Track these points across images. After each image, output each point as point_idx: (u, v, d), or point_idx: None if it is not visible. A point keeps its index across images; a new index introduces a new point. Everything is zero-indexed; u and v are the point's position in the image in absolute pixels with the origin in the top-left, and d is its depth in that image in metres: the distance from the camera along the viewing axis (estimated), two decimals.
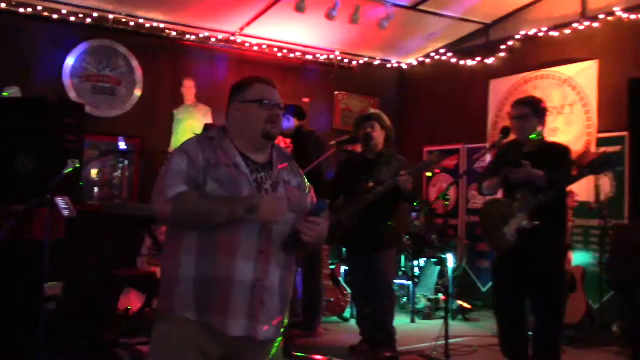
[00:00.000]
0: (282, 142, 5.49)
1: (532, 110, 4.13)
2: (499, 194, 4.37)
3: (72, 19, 6.58)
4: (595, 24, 6.47)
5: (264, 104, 2.28)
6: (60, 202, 3.91)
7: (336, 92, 8.36)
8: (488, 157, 7.09)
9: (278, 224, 2.19)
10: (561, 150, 4.13)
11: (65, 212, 3.95)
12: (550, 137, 4.86)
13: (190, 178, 2.18)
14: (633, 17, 6.15)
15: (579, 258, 6.08)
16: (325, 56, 8.09)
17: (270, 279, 2.18)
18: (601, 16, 6.41)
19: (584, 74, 6.47)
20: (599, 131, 6.31)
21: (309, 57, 8.00)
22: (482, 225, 4.39)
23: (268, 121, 2.28)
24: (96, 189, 6.83)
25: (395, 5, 6.81)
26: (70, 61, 6.64)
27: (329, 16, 6.52)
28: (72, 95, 6.61)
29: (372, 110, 5.41)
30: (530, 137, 4.11)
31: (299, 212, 2.25)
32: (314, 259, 5.56)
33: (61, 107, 5.19)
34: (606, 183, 6.14)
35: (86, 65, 6.76)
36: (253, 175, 2.24)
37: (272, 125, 2.29)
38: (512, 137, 4.28)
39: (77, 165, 3.92)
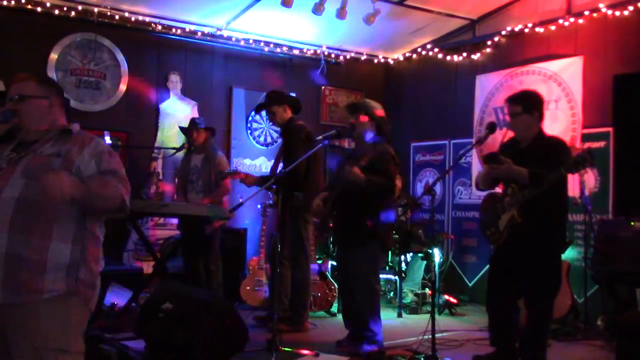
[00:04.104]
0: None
1: (524, 107, 4.14)
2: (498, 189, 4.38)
3: (57, 12, 6.51)
4: (580, 20, 6.51)
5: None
6: None
7: (323, 87, 8.36)
8: (474, 153, 7.18)
9: (6, 191, 2.31)
10: (557, 145, 4.14)
11: None
12: None
13: None
14: (618, 13, 6.19)
15: (564, 253, 6.12)
16: (312, 51, 8.08)
17: None
18: (586, 12, 6.44)
19: (569, 70, 6.51)
20: (584, 127, 6.35)
21: (296, 51, 7.98)
22: (480, 219, 4.41)
23: None
24: None
25: (382, 0, 6.81)
26: (54, 55, 6.58)
27: (316, 11, 6.50)
28: None
29: (359, 100, 5.34)
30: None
31: (34, 177, 2.29)
32: (300, 253, 5.56)
33: None
34: (591, 178, 6.19)
35: (70, 59, 6.70)
36: (12, 155, 2.43)
37: None
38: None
39: None
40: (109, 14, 6.76)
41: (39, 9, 6.42)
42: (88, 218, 2.44)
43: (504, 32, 7.25)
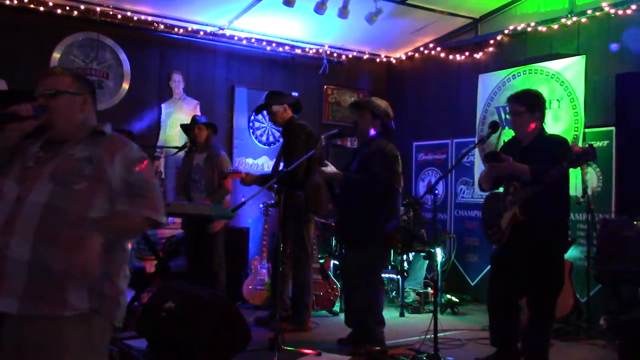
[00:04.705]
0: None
1: (526, 107, 4.13)
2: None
3: (59, 11, 6.51)
4: (583, 20, 6.50)
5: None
6: None
7: (325, 86, 8.35)
8: (477, 152, 7.18)
9: (33, 195, 2.19)
10: (558, 142, 4.13)
11: None
12: None
13: None
14: (620, 12, 6.18)
15: (567, 252, 6.11)
16: (314, 50, 8.07)
17: (11, 249, 2.14)
18: (589, 11, 6.43)
19: (572, 69, 6.50)
20: (586, 126, 6.34)
21: (298, 51, 7.98)
22: (483, 218, 4.41)
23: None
24: None
25: None
26: (57, 54, 6.58)
27: (318, 10, 6.50)
28: None
29: (362, 98, 5.36)
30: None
31: (63, 184, 2.22)
32: (302, 252, 5.56)
33: None
34: (593, 177, 6.18)
35: (73, 58, 6.70)
36: (40, 154, 2.32)
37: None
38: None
39: None
40: (111, 13, 6.76)
41: (41, 9, 6.42)
42: None
43: (506, 31, 7.24)
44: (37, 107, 2.31)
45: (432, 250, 6.58)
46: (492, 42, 7.42)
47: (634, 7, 6.07)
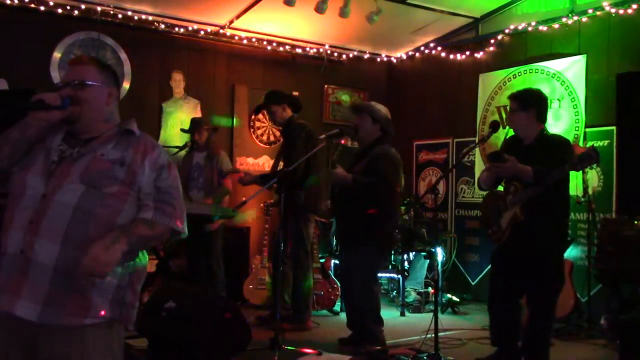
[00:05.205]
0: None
1: (519, 105, 4.13)
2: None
3: (60, 11, 6.51)
4: (584, 19, 6.49)
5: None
6: None
7: (326, 86, 8.35)
8: (477, 151, 7.18)
9: (61, 195, 2.08)
10: (560, 143, 4.13)
11: None
12: None
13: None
14: (621, 11, 6.17)
15: (567, 252, 6.11)
16: (314, 50, 8.07)
17: (36, 251, 2.03)
18: (590, 11, 6.43)
19: (573, 69, 6.50)
20: (587, 125, 6.34)
21: (299, 50, 7.98)
22: (482, 217, 4.40)
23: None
24: None
25: None
26: (57, 53, 6.58)
27: (319, 10, 6.50)
28: None
29: (364, 102, 5.39)
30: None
31: (96, 186, 2.11)
32: (302, 251, 5.56)
33: None
34: (594, 176, 6.17)
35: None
36: (64, 147, 2.19)
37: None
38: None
39: None
40: (111, 12, 6.76)
41: (42, 8, 6.42)
42: None
43: (507, 31, 7.24)
44: (65, 98, 2.14)
45: (433, 250, 6.57)
46: (492, 41, 7.41)
47: (634, 6, 6.06)
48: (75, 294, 2.06)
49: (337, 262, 6.64)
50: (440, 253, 6.61)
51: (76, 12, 6.58)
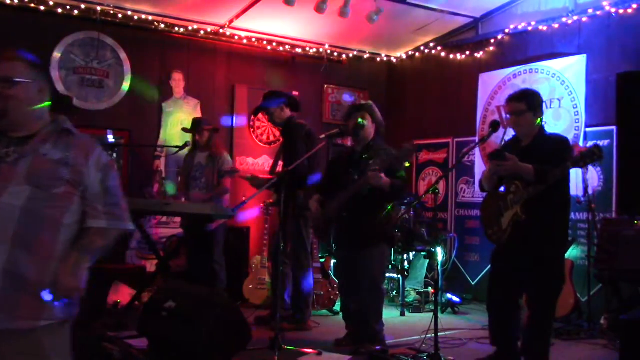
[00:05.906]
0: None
1: (527, 105, 4.13)
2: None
3: (59, 10, 6.51)
4: (584, 19, 6.49)
5: None
6: None
7: (326, 86, 8.35)
8: (477, 151, 7.17)
9: (8, 197, 2.04)
10: (560, 142, 4.13)
11: None
12: None
13: None
14: (621, 11, 6.17)
15: (567, 251, 6.12)
16: (314, 49, 8.07)
17: None
18: (590, 11, 6.43)
19: (573, 68, 6.49)
20: (587, 125, 6.34)
21: (299, 50, 7.98)
22: (481, 217, 4.40)
23: None
24: None
25: None
26: (57, 53, 6.58)
27: (319, 9, 6.50)
28: (60, 87, 6.54)
29: (364, 102, 5.40)
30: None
31: (42, 187, 2.09)
32: (301, 251, 5.55)
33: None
34: (594, 176, 6.17)
35: (74, 58, 6.70)
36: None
37: None
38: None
39: None
40: (111, 12, 6.76)
41: (42, 8, 6.42)
42: None
43: (507, 31, 7.24)
44: None
45: (433, 250, 6.58)
46: (492, 41, 7.41)
47: (634, 6, 6.06)
48: (26, 296, 2.05)
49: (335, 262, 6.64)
50: (440, 253, 6.61)
51: (76, 12, 6.59)
